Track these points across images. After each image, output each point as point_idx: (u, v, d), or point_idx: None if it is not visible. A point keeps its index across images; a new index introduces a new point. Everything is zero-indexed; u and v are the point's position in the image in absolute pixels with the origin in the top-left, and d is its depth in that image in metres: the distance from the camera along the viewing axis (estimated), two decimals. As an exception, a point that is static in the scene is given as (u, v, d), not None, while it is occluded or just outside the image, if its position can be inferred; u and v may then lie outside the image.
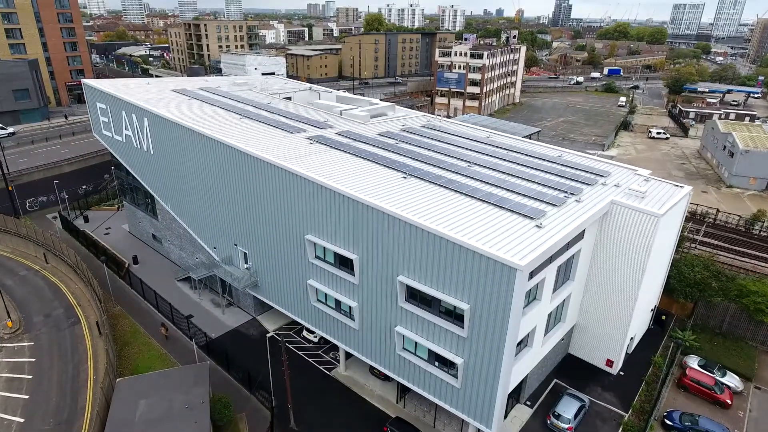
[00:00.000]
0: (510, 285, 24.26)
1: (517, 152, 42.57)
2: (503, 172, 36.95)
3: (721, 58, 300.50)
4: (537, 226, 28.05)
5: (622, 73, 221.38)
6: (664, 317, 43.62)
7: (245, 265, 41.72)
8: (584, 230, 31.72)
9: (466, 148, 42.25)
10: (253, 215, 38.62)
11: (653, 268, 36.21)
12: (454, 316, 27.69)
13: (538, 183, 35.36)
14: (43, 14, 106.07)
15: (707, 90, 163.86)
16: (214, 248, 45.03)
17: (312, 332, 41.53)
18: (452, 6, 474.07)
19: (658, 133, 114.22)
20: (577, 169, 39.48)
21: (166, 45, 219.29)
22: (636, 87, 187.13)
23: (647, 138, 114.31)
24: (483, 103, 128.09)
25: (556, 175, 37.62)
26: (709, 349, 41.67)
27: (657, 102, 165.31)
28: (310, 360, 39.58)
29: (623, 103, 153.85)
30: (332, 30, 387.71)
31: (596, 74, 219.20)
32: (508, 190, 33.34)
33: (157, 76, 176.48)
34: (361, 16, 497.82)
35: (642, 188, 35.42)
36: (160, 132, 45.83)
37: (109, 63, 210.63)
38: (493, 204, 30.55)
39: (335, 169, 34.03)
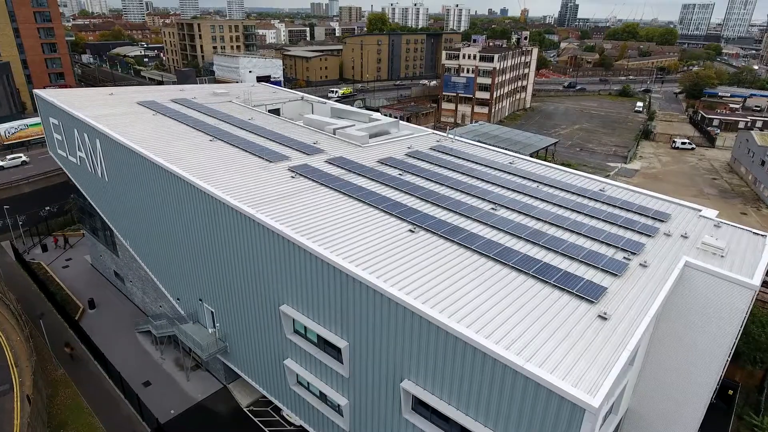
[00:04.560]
0: (574, 429, 16.03)
1: (550, 185, 34.33)
2: (538, 219, 28.71)
3: (742, 61, 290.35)
4: (600, 316, 19.79)
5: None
6: (730, 392, 35.27)
7: (211, 329, 33.57)
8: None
9: (487, 181, 33.99)
10: (219, 270, 30.48)
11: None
12: (482, 442, 19.49)
13: (585, 235, 27.13)
14: (18, 13, 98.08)
15: (729, 95, 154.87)
16: (178, 300, 36.93)
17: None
18: (457, 5, 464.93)
19: (683, 143, 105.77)
20: (628, 210, 31.20)
21: (162, 45, 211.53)
22: (648, 90, 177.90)
23: (671, 148, 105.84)
24: (493, 110, 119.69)
25: (604, 220, 29.37)
26: (790, 434, 33.33)
27: (675, 107, 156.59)
28: (290, 451, 31.49)
29: (640, 109, 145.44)
30: (335, 30, 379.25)
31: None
32: (549, 249, 25.10)
33: (150, 78, 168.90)
34: (364, 16, 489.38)
35: (719, 242, 27.13)
36: (114, 156, 37.75)
37: (101, 64, 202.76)
38: (532, 276, 22.31)
39: (320, 219, 25.85)
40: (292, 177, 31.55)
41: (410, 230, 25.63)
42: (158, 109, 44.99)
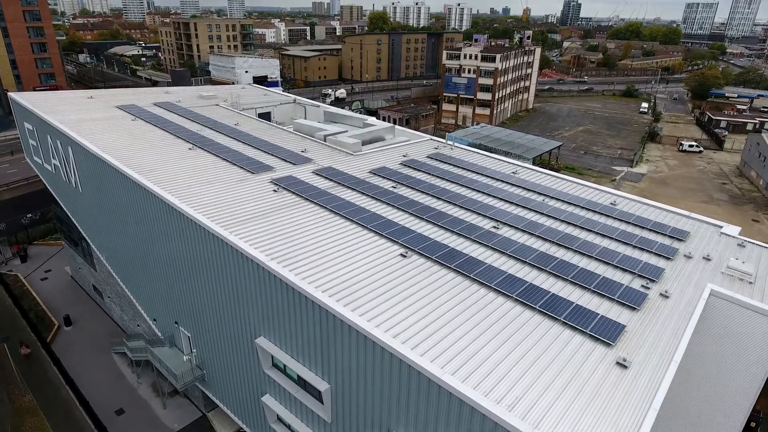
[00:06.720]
0: None
1: (556, 198, 31.56)
2: (545, 239, 25.93)
3: (746, 61, 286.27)
4: (619, 363, 17.03)
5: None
6: (753, 424, 32.50)
7: (187, 355, 30.81)
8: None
9: (489, 194, 31.24)
10: (193, 292, 27.76)
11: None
12: None
13: (597, 259, 24.34)
14: (7, 12, 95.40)
15: (735, 95, 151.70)
16: (155, 321, 34.26)
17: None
18: (459, 4, 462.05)
19: (690, 145, 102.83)
20: (643, 227, 28.43)
21: (160, 44, 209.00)
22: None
23: (678, 151, 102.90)
24: (495, 111, 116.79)
25: (617, 240, 26.60)
26: (819, 471, 30.60)
27: (681, 108, 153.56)
28: (272, 491, 28.69)
29: (645, 110, 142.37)
30: (335, 29, 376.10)
31: None
32: (557, 276, 22.34)
33: (146, 78, 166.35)
34: (365, 15, 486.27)
35: (746, 266, 24.39)
36: (86, 166, 35.08)
37: (98, 64, 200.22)
38: (539, 311, 19.54)
39: (301, 241, 23.12)
40: (274, 191, 28.81)
41: (402, 254, 22.87)
42: (138, 114, 42.28)
